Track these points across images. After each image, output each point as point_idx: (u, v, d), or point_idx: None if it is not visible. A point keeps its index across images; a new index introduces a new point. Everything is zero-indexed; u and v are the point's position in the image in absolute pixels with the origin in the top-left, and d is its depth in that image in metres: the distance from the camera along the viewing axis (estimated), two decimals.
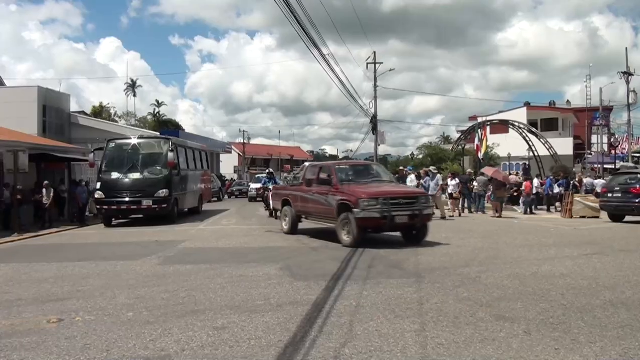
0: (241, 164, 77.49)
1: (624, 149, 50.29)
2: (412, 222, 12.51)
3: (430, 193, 18.88)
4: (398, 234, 13.40)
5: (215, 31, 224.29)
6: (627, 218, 20.17)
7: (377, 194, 12.40)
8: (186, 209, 22.67)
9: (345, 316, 6.22)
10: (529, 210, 25.46)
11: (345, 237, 12.34)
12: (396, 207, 12.15)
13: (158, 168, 19.73)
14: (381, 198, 12.17)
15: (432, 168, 24.59)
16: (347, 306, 6.71)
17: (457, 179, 24.24)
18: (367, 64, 45.95)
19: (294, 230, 15.13)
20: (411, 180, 22.08)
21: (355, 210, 11.93)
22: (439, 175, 22.31)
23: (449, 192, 23.82)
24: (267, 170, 25.79)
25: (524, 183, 27.11)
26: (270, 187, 20.82)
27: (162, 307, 6.81)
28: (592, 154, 53.65)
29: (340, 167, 14.79)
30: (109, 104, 78.85)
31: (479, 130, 35.60)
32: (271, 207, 19.08)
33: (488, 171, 25.21)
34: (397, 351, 5.01)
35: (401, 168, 27.59)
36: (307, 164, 17.39)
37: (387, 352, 4.98)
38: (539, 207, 27.23)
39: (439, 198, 21.05)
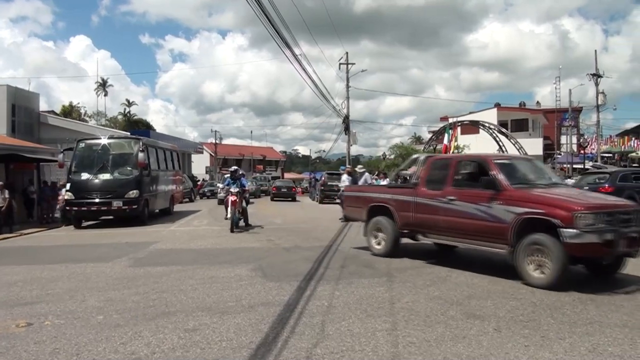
0: (213, 165, 77.05)
1: (593, 149, 51.23)
2: (634, 247, 8.15)
3: None
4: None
5: (187, 30, 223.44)
6: None
7: (599, 205, 8.23)
8: (157, 210, 22.43)
9: (317, 316, 6.22)
10: None
11: (533, 273, 7.98)
12: (624, 225, 8.00)
13: (128, 168, 19.47)
14: (605, 212, 7.98)
15: (358, 167, 22.62)
16: (319, 306, 6.71)
17: (388, 179, 22.32)
18: (340, 64, 46.13)
19: (394, 250, 10.81)
20: (343, 180, 19.95)
21: (566, 230, 7.60)
22: (367, 174, 20.38)
23: None
24: (232, 168, 18.26)
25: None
26: (234, 190, 16.51)
27: (132, 309, 6.73)
28: (561, 154, 54.55)
29: (502, 162, 9.79)
30: (79, 103, 78.22)
31: (449, 130, 35.88)
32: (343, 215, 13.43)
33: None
34: (369, 350, 5.03)
35: (348, 167, 24.47)
36: (419, 156, 12.00)
37: (359, 352, 4.99)
38: None
39: None
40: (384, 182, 20.89)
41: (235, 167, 18.50)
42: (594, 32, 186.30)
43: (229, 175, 17.89)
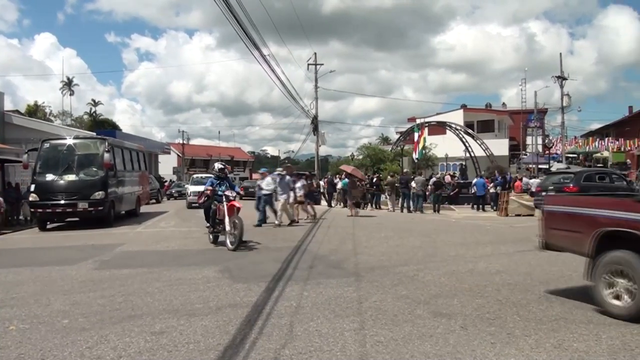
0: (180, 165, 76.47)
1: (558, 149, 52.21)
2: None
3: (281, 197, 17.74)
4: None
5: (153, 29, 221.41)
6: None
7: None
8: (123, 211, 22.11)
9: (286, 317, 6.21)
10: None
11: None
12: None
13: (94, 169, 19.16)
14: None
15: (279, 169, 20.92)
16: (288, 307, 6.70)
17: (302, 181, 20.21)
18: (308, 65, 46.13)
19: None
20: (268, 183, 18.21)
21: None
22: (288, 176, 18.60)
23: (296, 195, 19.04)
24: (218, 166, 14.03)
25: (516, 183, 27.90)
26: (230, 193, 12.74)
27: (98, 313, 6.62)
28: (527, 155, 55.48)
29: None
30: (44, 102, 76.94)
31: (417, 131, 36.20)
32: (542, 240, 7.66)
33: (347, 169, 24.59)
34: (337, 350, 5.04)
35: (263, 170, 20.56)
36: None
37: (327, 352, 5.00)
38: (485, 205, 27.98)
39: (284, 202, 17.93)
40: (298, 184, 18.87)
41: (222, 165, 14.12)
42: (560, 35, 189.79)
43: (213, 174, 14.05)
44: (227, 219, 12.13)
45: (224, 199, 12.52)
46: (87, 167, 19.22)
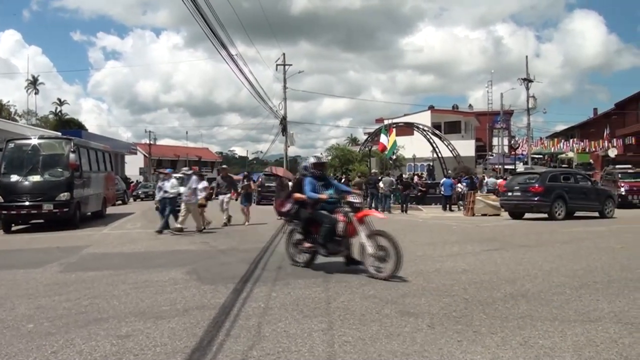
0: (147, 165, 75.70)
1: (524, 150, 53.09)
2: None
3: (185, 199, 16.29)
4: None
5: (120, 28, 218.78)
6: (526, 215, 21.33)
7: None
8: (89, 213, 21.85)
9: (254, 318, 6.19)
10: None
11: None
12: None
13: (59, 170, 18.86)
14: None
15: (184, 169, 20.02)
16: (256, 308, 6.68)
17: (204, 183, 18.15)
18: (277, 65, 46.20)
19: None
20: (172, 185, 16.81)
21: None
22: (194, 176, 17.12)
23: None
24: (311, 161, 9.92)
25: (498, 182, 28.15)
26: (338, 197, 9.25)
27: (63, 316, 6.51)
28: (493, 155, 56.33)
29: None
30: (9, 101, 75.54)
31: (385, 132, 36.40)
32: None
33: (278, 171, 24.13)
34: (305, 351, 5.04)
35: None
36: None
37: (295, 352, 5.00)
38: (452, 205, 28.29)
39: (194, 205, 16.43)
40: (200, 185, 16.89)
41: (318, 159, 10.29)
42: (527, 38, 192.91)
43: (308, 173, 9.70)
44: (363, 236, 8.69)
45: (345, 208, 8.96)
46: (52, 168, 18.93)
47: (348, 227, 8.81)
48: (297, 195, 9.58)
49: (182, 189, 16.67)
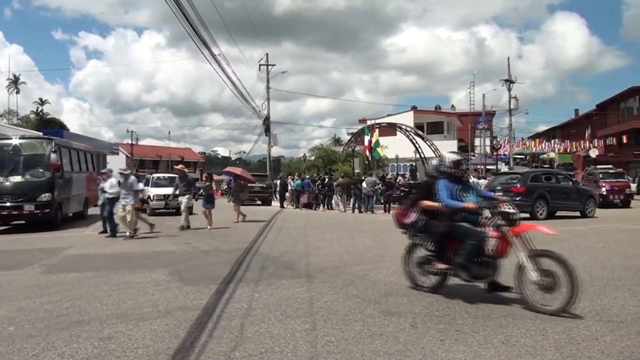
0: (129, 166, 75.11)
1: (506, 151, 53.49)
2: None
3: (123, 200, 15.73)
4: None
5: (102, 27, 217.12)
6: None
7: None
8: (71, 214, 21.65)
9: (236, 319, 6.18)
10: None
11: None
12: None
13: (40, 170, 18.66)
14: None
15: (122, 168, 17.70)
16: (238, 309, 6.67)
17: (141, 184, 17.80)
18: (260, 65, 46.09)
19: None
20: (112, 185, 16.26)
21: None
22: (133, 177, 16.37)
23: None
24: (451, 158, 7.57)
25: (481, 182, 28.20)
26: (485, 206, 7.41)
27: (44, 319, 6.45)
28: (475, 156, 56.62)
29: None
30: None
31: (368, 132, 36.49)
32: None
33: (236, 170, 23.57)
34: (288, 351, 5.04)
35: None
36: None
37: (278, 353, 5.00)
38: None
39: (126, 207, 15.83)
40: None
41: (459, 156, 8.07)
42: (509, 39, 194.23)
43: (445, 174, 7.56)
44: (523, 257, 6.77)
45: (497, 220, 7.09)
46: (33, 168, 18.71)
47: (500, 245, 6.99)
48: (428, 203, 7.59)
49: (122, 190, 15.95)
